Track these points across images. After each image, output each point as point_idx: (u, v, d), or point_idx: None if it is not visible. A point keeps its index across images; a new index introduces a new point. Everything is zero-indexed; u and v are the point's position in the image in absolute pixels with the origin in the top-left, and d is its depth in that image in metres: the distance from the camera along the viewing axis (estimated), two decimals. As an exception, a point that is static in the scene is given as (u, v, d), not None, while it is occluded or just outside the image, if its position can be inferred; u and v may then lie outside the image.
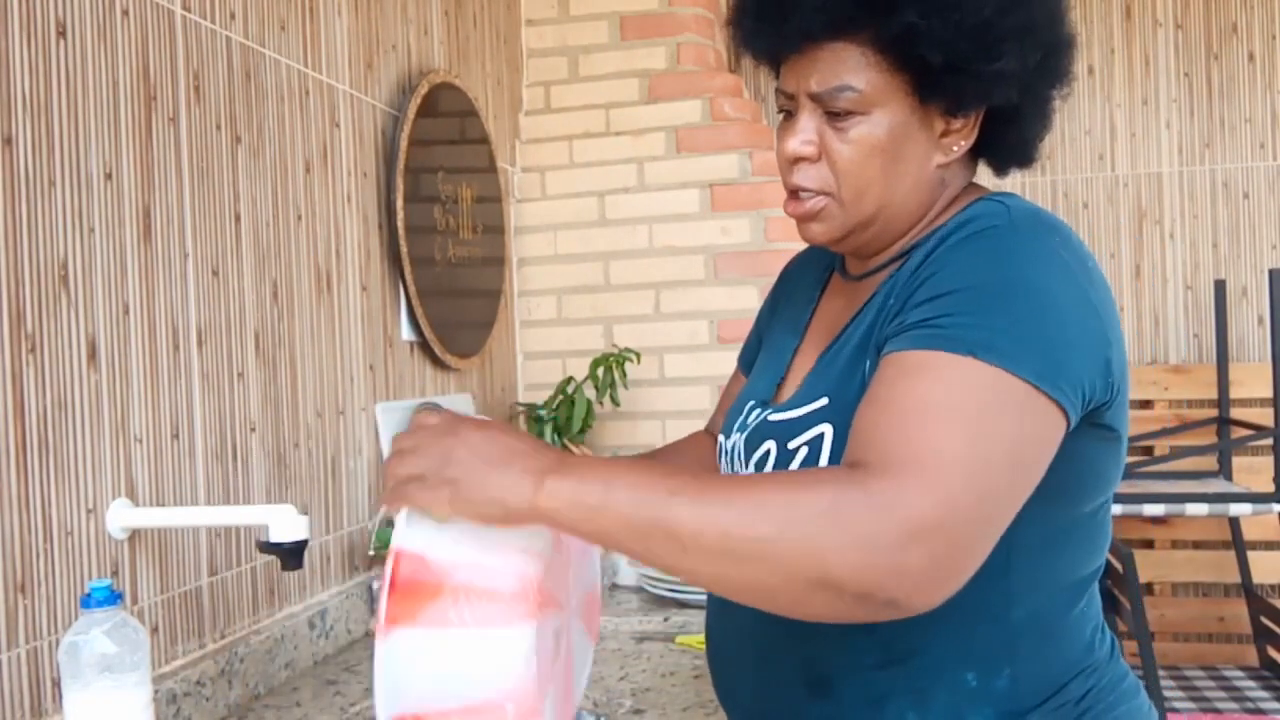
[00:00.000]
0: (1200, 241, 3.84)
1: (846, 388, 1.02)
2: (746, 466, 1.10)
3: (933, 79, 0.99)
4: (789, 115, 1.07)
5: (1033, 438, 0.90)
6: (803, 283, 1.24)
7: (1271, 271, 3.37)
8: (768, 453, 1.07)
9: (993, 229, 0.98)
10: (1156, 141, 3.86)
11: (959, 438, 0.86)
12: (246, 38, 1.72)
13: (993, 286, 0.92)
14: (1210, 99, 3.83)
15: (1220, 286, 3.65)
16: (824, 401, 1.03)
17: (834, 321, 1.12)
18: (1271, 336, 3.33)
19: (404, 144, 2.18)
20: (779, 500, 0.84)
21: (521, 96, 3.00)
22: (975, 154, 1.08)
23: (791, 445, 1.03)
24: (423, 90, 2.27)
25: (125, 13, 1.46)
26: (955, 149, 1.04)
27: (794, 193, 1.07)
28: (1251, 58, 3.80)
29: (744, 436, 1.12)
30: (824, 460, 1.00)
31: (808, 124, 1.04)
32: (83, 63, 1.38)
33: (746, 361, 1.31)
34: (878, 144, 1.01)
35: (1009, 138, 1.07)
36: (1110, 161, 3.88)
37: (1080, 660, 1.04)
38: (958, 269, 0.95)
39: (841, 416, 0.99)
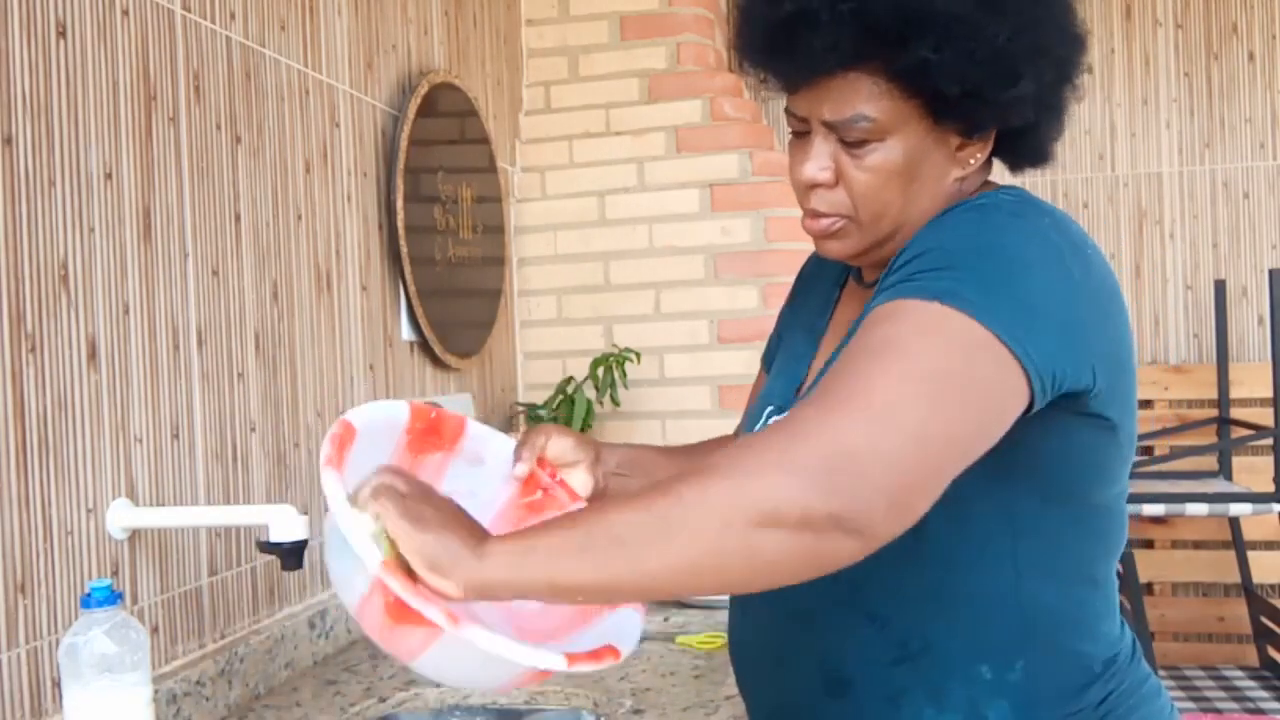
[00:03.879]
0: (1200, 241, 3.84)
1: None
2: None
3: (948, 106, 0.99)
4: (800, 135, 1.06)
5: (987, 382, 0.89)
6: (821, 282, 1.23)
7: (1271, 271, 3.37)
8: None
9: (980, 205, 0.99)
10: (1156, 141, 3.86)
11: (895, 368, 0.87)
12: (246, 38, 1.72)
13: (968, 249, 0.93)
14: (1210, 99, 3.83)
15: (1220, 286, 3.65)
16: None
17: (846, 327, 1.11)
18: (1271, 336, 3.33)
19: (404, 144, 2.18)
20: (690, 474, 0.84)
21: (521, 96, 3.00)
22: (990, 154, 1.08)
23: None
24: (423, 90, 2.27)
25: (125, 13, 1.46)
26: (972, 162, 1.05)
27: (811, 214, 1.07)
28: (1251, 58, 3.80)
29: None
30: None
31: (822, 149, 1.03)
32: (83, 63, 1.38)
33: (769, 360, 1.31)
34: (895, 169, 1.01)
35: (1024, 144, 1.07)
36: (1110, 161, 3.88)
37: (1099, 658, 1.04)
38: (936, 235, 0.96)
39: None
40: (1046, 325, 0.91)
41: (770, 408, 1.15)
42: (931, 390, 0.86)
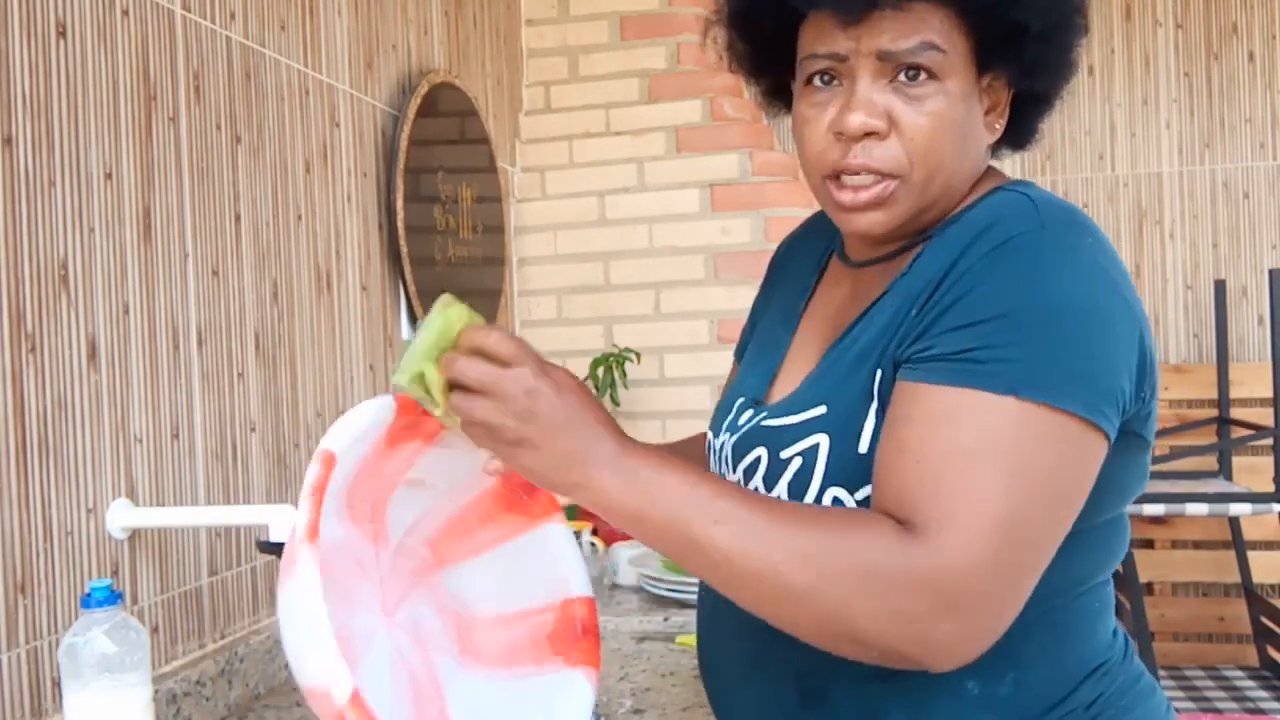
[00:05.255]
0: (1200, 241, 3.84)
1: (845, 396, 0.95)
2: (734, 472, 1.03)
3: (1017, 48, 0.92)
4: (820, 85, 0.95)
5: (1078, 474, 0.87)
6: (797, 266, 1.15)
7: (1271, 271, 3.37)
8: (758, 460, 1.00)
9: (1023, 237, 0.88)
10: (1156, 141, 3.86)
11: (1002, 494, 0.83)
12: (246, 38, 1.72)
13: (1031, 311, 0.85)
14: (1210, 99, 3.83)
15: (1220, 286, 3.65)
16: (821, 410, 0.96)
17: (836, 316, 1.03)
18: (1271, 336, 3.33)
19: (404, 144, 2.18)
20: (816, 551, 0.83)
21: (521, 96, 3.00)
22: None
23: (784, 455, 0.97)
24: (423, 90, 2.27)
25: (125, 13, 1.46)
26: (998, 127, 0.98)
27: (838, 176, 0.95)
28: (1251, 58, 3.80)
29: (734, 439, 1.05)
30: (819, 471, 0.94)
31: (870, 93, 0.92)
32: (83, 63, 1.38)
33: (740, 353, 1.23)
34: (954, 117, 0.92)
35: (1029, 119, 1.01)
36: (1110, 161, 3.88)
37: (1091, 661, 0.98)
38: (991, 292, 0.87)
39: (840, 426, 0.94)
40: (1117, 374, 0.87)
41: (741, 399, 1.07)
42: (1027, 509, 0.84)
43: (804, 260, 1.14)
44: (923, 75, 0.91)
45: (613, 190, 2.90)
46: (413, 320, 2.24)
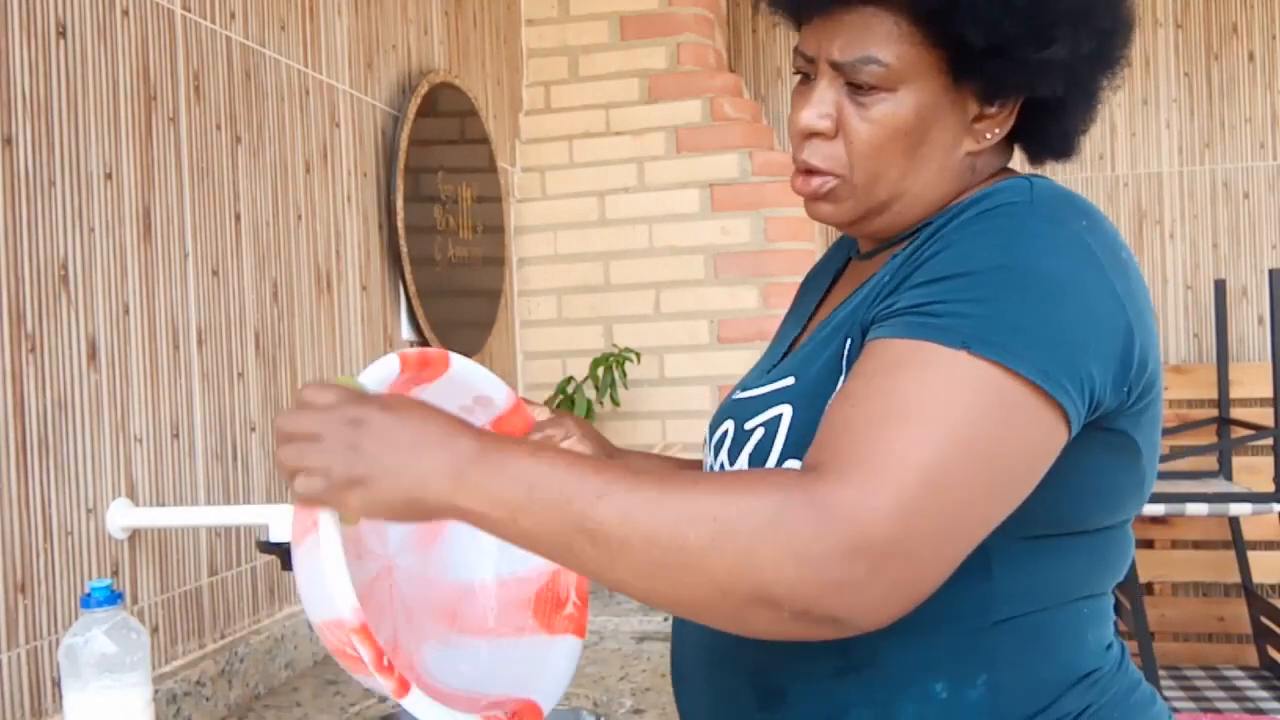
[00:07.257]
0: (1200, 241, 3.84)
1: (814, 366, 0.94)
2: (709, 448, 1.04)
3: (971, 61, 0.90)
4: (806, 79, 0.97)
5: (1024, 444, 0.81)
6: (820, 275, 1.16)
7: (1271, 271, 3.38)
8: (725, 433, 1.00)
9: (1008, 206, 0.88)
10: (1156, 141, 3.86)
11: (930, 441, 0.78)
12: (246, 38, 1.72)
13: (998, 272, 0.83)
14: (1210, 99, 3.83)
15: (1220, 286, 3.65)
16: (789, 381, 0.96)
17: (839, 302, 1.02)
18: (1271, 336, 3.33)
19: (404, 144, 2.18)
20: (714, 505, 0.76)
21: (521, 96, 3.00)
22: (1010, 139, 0.98)
23: (748, 426, 0.96)
24: (423, 90, 2.27)
25: (125, 13, 1.46)
26: (989, 136, 0.95)
27: (803, 169, 0.98)
28: (1251, 58, 3.80)
29: (712, 417, 1.06)
30: (779, 443, 0.92)
31: (826, 95, 0.94)
32: (83, 63, 1.38)
33: None
34: (901, 125, 0.92)
35: (1049, 128, 0.98)
36: (1110, 161, 3.88)
37: (1078, 670, 0.93)
38: (962, 250, 0.85)
39: (804, 397, 0.92)
40: (1086, 352, 0.82)
41: (738, 392, 1.05)
42: (958, 463, 0.78)
43: (826, 269, 1.15)
44: (869, 84, 0.92)
45: (613, 190, 2.90)
46: (413, 320, 2.24)
